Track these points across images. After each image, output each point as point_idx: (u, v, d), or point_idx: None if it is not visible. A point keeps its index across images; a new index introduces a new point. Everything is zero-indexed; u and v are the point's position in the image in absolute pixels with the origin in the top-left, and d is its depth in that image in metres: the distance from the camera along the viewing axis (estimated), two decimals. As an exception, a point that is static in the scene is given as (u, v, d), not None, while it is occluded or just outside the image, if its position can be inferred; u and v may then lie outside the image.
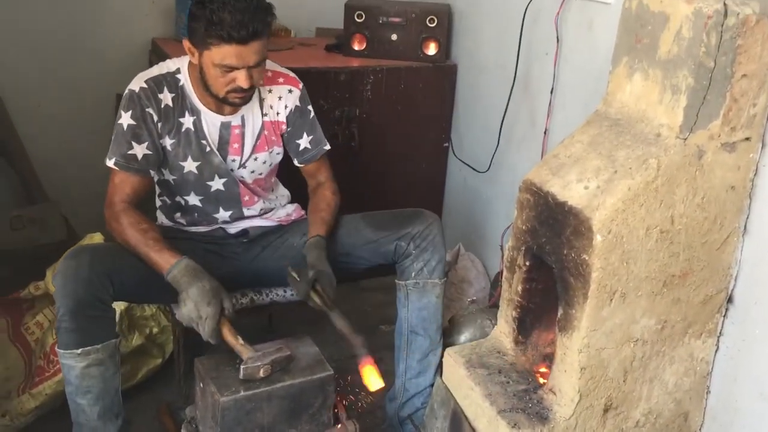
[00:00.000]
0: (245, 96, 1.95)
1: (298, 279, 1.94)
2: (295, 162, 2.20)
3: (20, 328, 2.35)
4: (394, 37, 2.86)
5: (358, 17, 2.85)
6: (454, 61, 2.96)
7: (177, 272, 1.81)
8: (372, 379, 1.87)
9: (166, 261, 1.83)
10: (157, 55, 2.85)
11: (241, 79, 1.87)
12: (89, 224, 2.58)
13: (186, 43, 1.90)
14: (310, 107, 2.16)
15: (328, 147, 2.20)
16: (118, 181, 1.93)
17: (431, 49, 2.87)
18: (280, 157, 2.17)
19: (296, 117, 2.12)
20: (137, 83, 1.94)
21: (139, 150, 1.92)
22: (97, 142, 2.98)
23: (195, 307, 1.77)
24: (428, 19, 2.83)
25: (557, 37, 2.32)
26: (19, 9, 2.73)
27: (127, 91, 1.94)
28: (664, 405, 1.90)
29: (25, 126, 2.82)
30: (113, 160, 1.92)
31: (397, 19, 2.84)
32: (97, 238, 2.34)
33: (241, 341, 1.79)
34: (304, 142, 2.15)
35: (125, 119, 1.92)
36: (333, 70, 2.69)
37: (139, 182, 1.94)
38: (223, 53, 1.83)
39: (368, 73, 2.78)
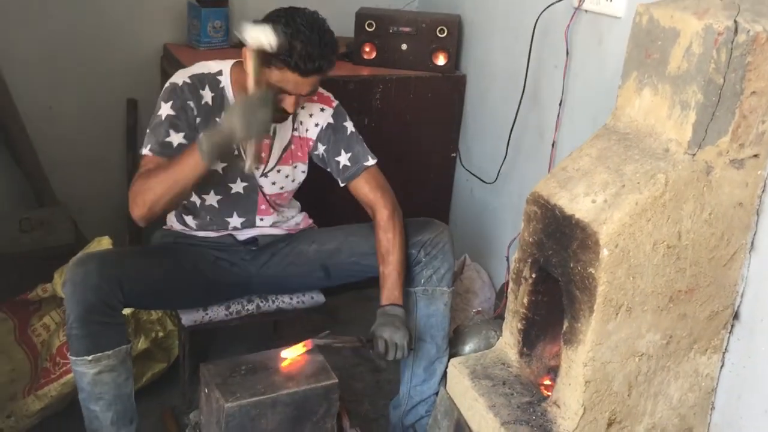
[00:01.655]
0: (285, 118, 1.98)
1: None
2: (340, 183, 2.13)
3: (27, 330, 2.37)
4: (404, 46, 2.87)
5: (368, 26, 2.86)
6: (463, 72, 2.97)
7: (204, 145, 1.74)
8: (292, 351, 1.86)
9: (190, 155, 1.77)
10: (169, 60, 2.87)
11: (289, 103, 1.91)
12: (97, 227, 2.60)
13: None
14: (346, 124, 2.13)
15: (371, 162, 2.11)
16: (145, 161, 1.90)
17: (441, 60, 2.88)
18: (303, 176, 2.17)
19: (329, 134, 2.11)
20: (180, 77, 1.96)
21: (176, 138, 1.91)
22: (107, 146, 3.02)
23: (237, 120, 1.71)
24: (438, 29, 2.84)
25: (567, 50, 2.33)
26: (31, 12, 2.76)
27: (168, 84, 1.96)
28: (669, 420, 1.89)
29: (36, 128, 2.83)
30: (148, 147, 1.90)
31: (407, 29, 2.85)
32: (105, 242, 2.36)
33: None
34: (343, 159, 2.11)
35: (165, 110, 1.92)
36: (342, 79, 2.70)
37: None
38: (282, 77, 1.85)
39: (377, 82, 2.79)
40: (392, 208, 2.09)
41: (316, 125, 2.11)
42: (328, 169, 2.17)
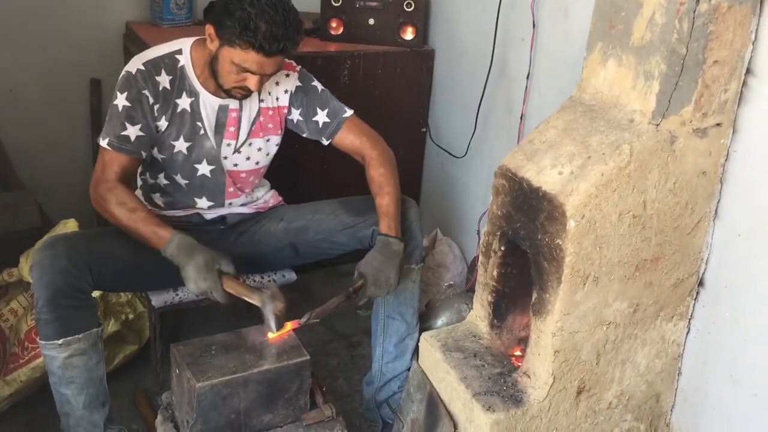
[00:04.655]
0: (248, 95, 1.97)
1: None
2: (324, 142, 2.14)
3: (-6, 315, 2.33)
4: (371, 21, 2.85)
5: (335, 1, 2.83)
6: (431, 46, 2.96)
7: (172, 250, 1.81)
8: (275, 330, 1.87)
9: (160, 238, 1.83)
10: (131, 39, 2.82)
11: (252, 82, 1.89)
12: (63, 211, 2.56)
13: (209, 29, 1.88)
14: (314, 83, 2.13)
15: (349, 113, 2.12)
16: (107, 159, 1.90)
17: (408, 34, 2.86)
18: (276, 149, 2.16)
19: (300, 97, 2.10)
20: (134, 65, 1.93)
21: (133, 131, 1.91)
22: (71, 128, 2.97)
23: (195, 284, 1.79)
24: (405, 3, 2.82)
25: (533, 23, 2.33)
26: (-12, -8, 2.69)
27: (123, 72, 1.93)
28: (636, 387, 1.93)
29: (-3, 112, 2.78)
30: (107, 140, 1.90)
31: (374, 4, 2.83)
32: (71, 224, 2.32)
33: (248, 289, 1.83)
34: (321, 117, 2.11)
35: (120, 100, 1.90)
36: (310, 55, 2.67)
37: (128, 162, 1.92)
38: (245, 57, 1.83)
39: (345, 58, 2.76)
40: (381, 148, 2.11)
41: (286, 91, 2.10)
42: (305, 134, 2.15)
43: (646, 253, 1.75)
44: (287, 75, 2.10)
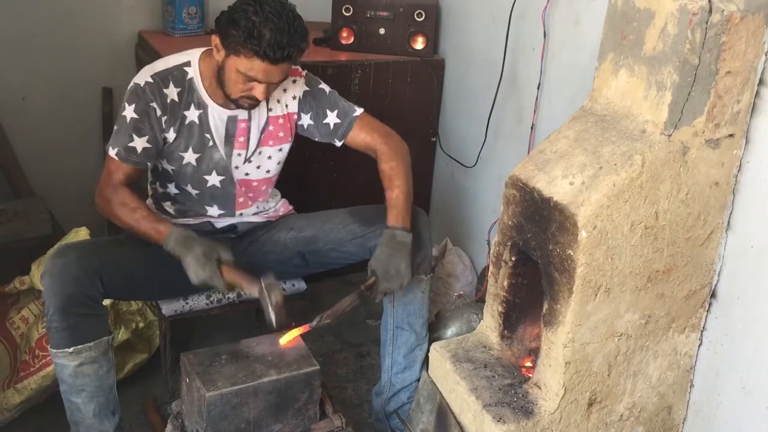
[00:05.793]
0: (256, 104, 1.97)
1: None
2: (337, 143, 2.14)
3: (5, 323, 2.34)
4: (381, 31, 2.85)
5: (345, 11, 2.84)
6: (441, 56, 2.96)
7: (172, 244, 1.84)
8: (286, 335, 1.90)
9: (160, 234, 1.86)
10: (144, 48, 2.83)
11: (259, 91, 1.89)
12: (74, 219, 2.58)
13: (215, 39, 1.89)
14: (321, 86, 2.13)
15: (359, 112, 2.12)
16: (113, 167, 1.93)
17: (419, 44, 2.87)
18: (286, 155, 2.16)
19: (309, 101, 2.10)
20: (143, 77, 1.94)
21: (139, 143, 1.93)
22: (82, 136, 2.99)
23: (195, 273, 1.81)
24: (416, 13, 2.83)
25: (544, 33, 2.33)
26: (1, 2, 2.70)
27: (132, 84, 1.95)
28: (648, 399, 1.91)
29: (10, 120, 2.79)
30: (115, 150, 1.92)
31: (384, 13, 2.84)
32: (82, 233, 2.33)
33: (246, 279, 1.86)
34: (331, 119, 2.10)
35: (129, 112, 1.92)
36: (320, 65, 2.68)
37: (133, 171, 1.95)
38: (251, 65, 1.84)
39: (356, 67, 2.77)
40: (393, 142, 2.10)
41: (294, 97, 2.10)
42: (316, 138, 2.15)
43: (658, 264, 1.74)
44: (294, 81, 2.10)
